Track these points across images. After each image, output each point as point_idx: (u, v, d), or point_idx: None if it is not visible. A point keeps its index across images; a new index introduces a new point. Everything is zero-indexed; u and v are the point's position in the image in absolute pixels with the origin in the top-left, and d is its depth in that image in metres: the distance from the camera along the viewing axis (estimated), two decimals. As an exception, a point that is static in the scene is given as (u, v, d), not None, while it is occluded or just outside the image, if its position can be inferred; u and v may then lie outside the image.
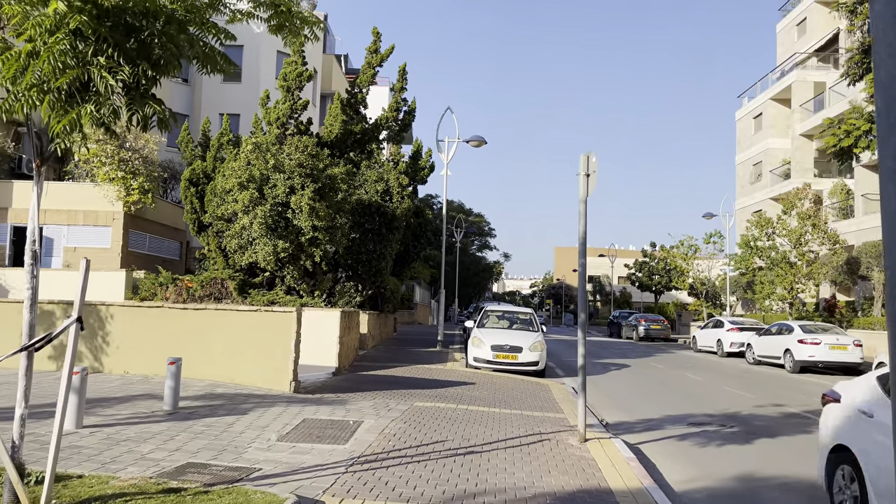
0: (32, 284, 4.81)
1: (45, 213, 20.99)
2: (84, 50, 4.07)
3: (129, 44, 4.27)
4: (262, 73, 32.64)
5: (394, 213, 19.96)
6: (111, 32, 4.12)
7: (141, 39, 4.32)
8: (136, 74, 4.24)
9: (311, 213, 16.04)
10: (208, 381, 11.90)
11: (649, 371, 20.65)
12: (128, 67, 4.18)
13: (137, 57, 4.27)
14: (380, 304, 22.86)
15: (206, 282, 16.62)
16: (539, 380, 16.05)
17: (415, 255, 26.80)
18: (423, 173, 24.43)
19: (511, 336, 17.52)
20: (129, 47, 4.28)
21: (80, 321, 4.88)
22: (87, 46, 4.09)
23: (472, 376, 15.69)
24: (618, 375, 18.72)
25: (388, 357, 18.83)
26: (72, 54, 4.02)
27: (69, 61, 4.01)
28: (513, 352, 16.74)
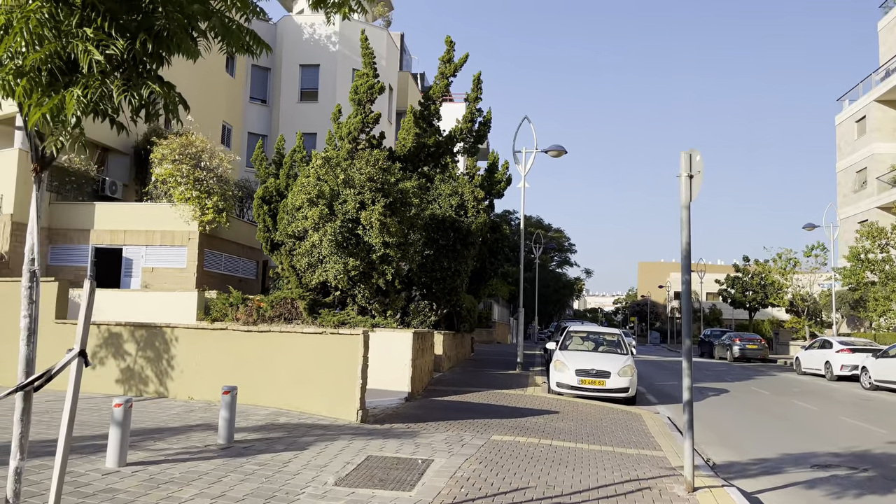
0: (30, 311, 4.03)
1: (125, 233, 21.17)
2: (66, 20, 3.24)
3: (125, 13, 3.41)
4: (338, 91, 32.55)
5: (469, 229, 18.98)
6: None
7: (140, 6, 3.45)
8: (133, 49, 3.38)
9: (382, 229, 15.25)
10: (272, 409, 11.17)
11: (751, 397, 18.73)
12: (122, 41, 3.32)
13: (137, 29, 3.41)
14: (455, 323, 21.87)
15: (275, 302, 16.10)
16: (630, 408, 14.60)
17: (492, 272, 25.69)
18: (500, 187, 23.38)
19: (597, 359, 16.13)
20: (128, 18, 3.42)
21: (83, 355, 4.07)
22: (71, 16, 3.26)
23: (554, 403, 14.42)
24: (717, 403, 16.97)
25: (464, 381, 17.76)
26: (51, 24, 3.20)
27: (46, 33, 3.20)
28: (600, 377, 15.36)
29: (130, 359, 12.69)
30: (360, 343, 10.69)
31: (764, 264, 48.06)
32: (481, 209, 19.45)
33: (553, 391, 15.96)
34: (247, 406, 11.17)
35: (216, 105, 30.41)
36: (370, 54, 18.79)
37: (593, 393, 15.36)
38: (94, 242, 21.08)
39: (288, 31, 33.77)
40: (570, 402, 14.88)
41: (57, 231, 21.13)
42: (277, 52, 33.88)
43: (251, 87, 33.75)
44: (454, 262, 18.80)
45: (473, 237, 19.14)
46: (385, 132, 21.06)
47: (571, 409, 13.85)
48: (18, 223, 19.92)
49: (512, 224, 75.76)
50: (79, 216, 21.20)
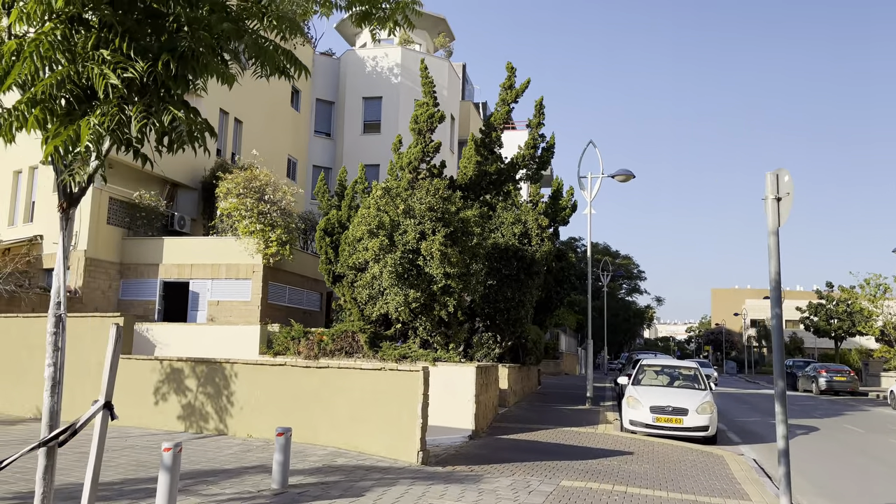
0: (55, 360, 3.73)
1: (192, 267, 21.49)
2: (80, 41, 2.94)
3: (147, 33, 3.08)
4: (400, 123, 32.65)
5: (533, 257, 18.38)
6: (122, 18, 2.95)
7: (164, 26, 3.13)
8: (154, 72, 3.05)
9: (443, 259, 14.85)
10: (330, 449, 10.78)
11: (845, 436, 17.27)
12: (142, 63, 2.99)
13: (159, 50, 3.08)
14: (521, 355, 21.18)
15: (336, 335, 15.86)
16: (710, 449, 13.58)
17: (558, 302, 24.91)
18: (565, 213, 22.72)
19: (673, 395, 15.16)
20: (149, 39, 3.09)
21: (108, 407, 3.73)
22: (86, 38, 2.96)
23: (628, 443, 13.55)
24: (808, 442, 15.68)
25: (530, 417, 17.03)
26: (63, 47, 2.90)
27: (59, 57, 2.90)
28: (676, 414, 14.39)
29: (191, 395, 12.59)
30: (420, 380, 10.22)
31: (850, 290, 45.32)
32: (545, 237, 18.84)
33: (626, 429, 15.06)
34: (304, 445, 10.83)
35: (282, 139, 30.95)
36: (429, 83, 18.62)
37: (670, 432, 14.40)
38: (163, 276, 21.46)
39: (351, 65, 34.24)
40: (645, 441, 13.97)
41: (128, 266, 21.63)
42: (341, 86, 34.37)
43: (316, 120, 34.26)
44: (518, 293, 18.21)
45: (538, 266, 18.52)
46: (447, 162, 20.83)
47: (647, 449, 12.96)
48: (92, 259, 20.47)
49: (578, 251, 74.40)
50: (148, 251, 21.66)
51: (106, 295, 21.03)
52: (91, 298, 20.41)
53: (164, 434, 12.12)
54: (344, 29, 37.56)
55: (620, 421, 15.64)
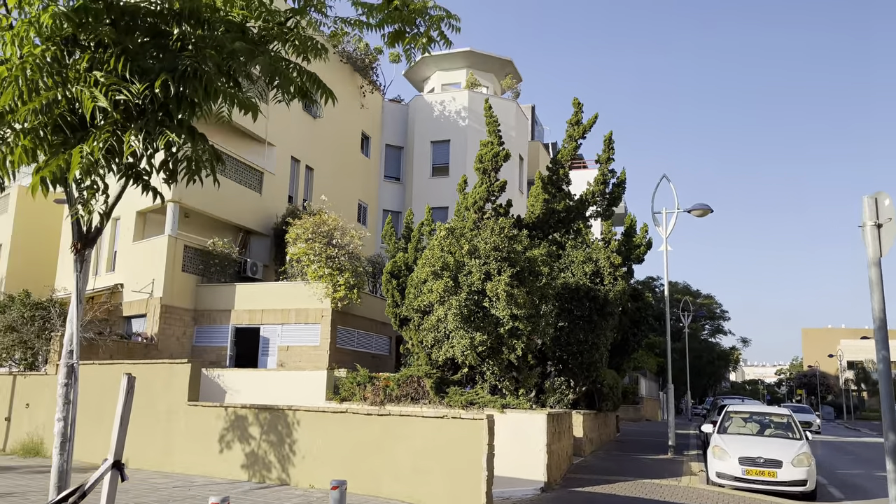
0: (65, 413, 3.43)
1: (262, 313, 21.66)
2: (73, 63, 2.68)
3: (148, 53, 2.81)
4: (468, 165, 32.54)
5: (606, 297, 17.56)
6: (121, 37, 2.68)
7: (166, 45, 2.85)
8: (152, 94, 2.75)
9: (509, 300, 14.30)
10: (392, 502, 10.26)
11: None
12: (139, 84, 2.70)
13: (160, 70, 2.79)
14: (596, 401, 20.16)
15: (402, 380, 15.44)
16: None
17: (635, 344, 23.75)
18: (639, 251, 21.79)
19: (765, 445, 13.93)
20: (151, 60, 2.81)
21: (118, 467, 3.39)
22: (80, 59, 2.70)
23: (716, 499, 12.43)
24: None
25: (608, 467, 16.01)
26: (53, 70, 2.64)
27: (47, 80, 2.64)
28: (770, 466, 13.16)
29: (255, 442, 12.37)
30: (485, 429, 9.64)
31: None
32: (619, 276, 18.01)
33: (713, 482, 13.88)
34: (365, 497, 10.36)
35: (352, 185, 31.33)
36: (494, 122, 18.35)
37: (762, 486, 13.15)
38: (235, 322, 21.70)
39: (419, 111, 34.59)
40: (735, 496, 12.80)
41: (201, 312, 22.01)
42: (409, 131, 34.73)
43: (385, 165, 34.62)
44: (591, 334, 17.38)
45: (611, 306, 17.67)
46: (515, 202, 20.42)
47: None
48: (167, 306, 20.92)
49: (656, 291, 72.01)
50: (221, 297, 22.00)
51: (180, 341, 21.39)
52: (166, 345, 20.79)
53: (228, 483, 11.91)
54: (412, 75, 38.14)
55: (706, 472, 14.46)
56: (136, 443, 14.13)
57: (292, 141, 27.26)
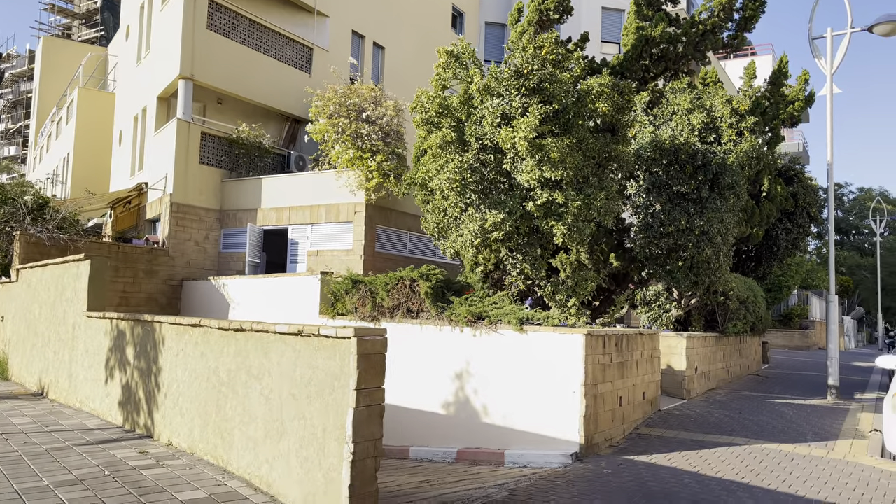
0: None
1: (290, 211, 17.65)
2: None
3: None
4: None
5: (724, 163, 11.38)
6: None
7: None
8: None
9: (538, 156, 8.89)
10: (234, 485, 5.69)
11: None
12: None
13: None
14: (720, 320, 14.13)
15: (391, 285, 10.66)
16: None
17: (788, 245, 17.10)
18: (792, 108, 14.92)
19: None
20: None
21: None
22: None
23: (892, 492, 6.60)
24: None
25: (715, 419, 10.34)
26: None
27: None
28: None
29: (129, 370, 8.31)
30: (350, 356, 4.66)
31: None
32: (745, 129, 11.69)
33: (892, 456, 7.94)
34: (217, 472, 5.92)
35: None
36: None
37: None
38: (262, 223, 17.93)
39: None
40: (935, 489, 6.86)
41: (228, 213, 18.45)
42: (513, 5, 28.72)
43: (485, 48, 29.07)
44: (699, 219, 11.39)
45: (732, 176, 11.47)
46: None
47: (938, 515, 6.00)
48: (180, 205, 17.51)
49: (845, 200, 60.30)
50: (246, 194, 18.27)
51: (201, 246, 18.02)
52: (181, 251, 17.50)
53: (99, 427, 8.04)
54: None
55: (883, 438, 8.43)
56: (56, 365, 10.77)
57: (353, 12, 22.55)
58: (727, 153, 11.51)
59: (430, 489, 6.77)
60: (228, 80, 18.68)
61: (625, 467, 7.37)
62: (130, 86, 22.70)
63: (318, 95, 16.57)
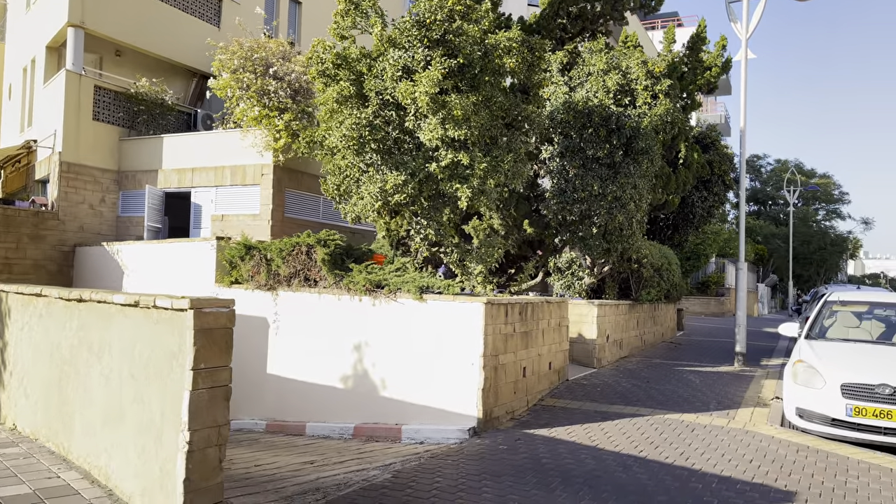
0: None
1: (193, 173, 16.55)
2: None
3: None
4: None
5: (637, 127, 11.07)
6: None
7: None
8: None
9: (442, 113, 8.29)
10: (69, 477, 4.99)
11: None
12: None
13: None
14: (634, 288, 14.02)
15: (286, 251, 9.96)
16: None
17: (703, 213, 17.16)
18: (709, 74, 14.78)
19: (893, 362, 7.65)
20: None
21: None
22: None
23: (790, 463, 6.44)
24: None
25: (622, 389, 10.15)
26: None
27: None
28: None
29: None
30: (188, 332, 4.01)
31: None
32: (660, 92, 11.39)
33: (792, 425, 7.85)
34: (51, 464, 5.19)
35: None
36: None
37: (885, 438, 7.02)
38: (164, 185, 16.77)
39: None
40: (832, 456, 6.74)
41: (126, 175, 17.18)
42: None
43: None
44: (612, 185, 11.09)
45: (646, 141, 11.19)
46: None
47: (832, 486, 5.84)
48: (71, 164, 16.17)
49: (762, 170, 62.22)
50: (146, 154, 17.04)
51: (96, 210, 16.74)
52: (73, 214, 16.20)
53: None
54: None
55: (784, 408, 8.34)
56: None
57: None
58: (641, 117, 11.20)
59: (310, 472, 6.22)
60: (126, 30, 17.28)
61: (522, 442, 7.00)
62: (20, 34, 20.83)
63: (221, 48, 15.43)
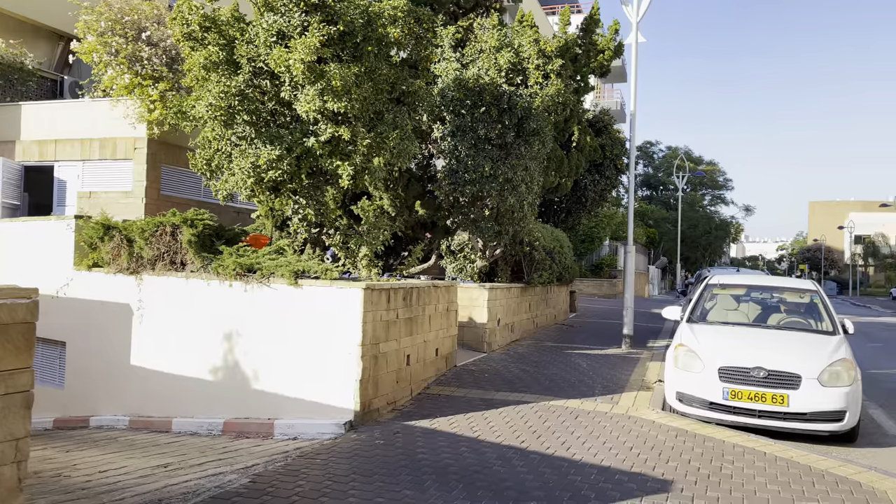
0: None
1: (56, 145, 15.08)
2: None
3: None
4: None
5: (529, 107, 10.85)
6: None
7: None
8: None
9: (320, 83, 7.68)
10: None
11: None
12: None
13: None
14: (526, 271, 13.93)
15: (149, 232, 9.11)
16: (852, 470, 6.21)
17: (596, 197, 17.34)
18: (602, 57, 14.81)
19: (770, 345, 7.78)
20: None
21: None
22: None
23: (668, 449, 6.37)
24: None
25: (510, 374, 9.97)
26: None
27: None
28: (774, 386, 7.05)
29: None
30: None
31: None
32: (552, 72, 11.20)
33: (672, 409, 7.85)
34: None
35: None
36: None
37: (759, 420, 7.11)
38: (22, 158, 15.20)
39: None
40: (708, 440, 6.74)
41: (-23, 145, 15.46)
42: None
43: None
44: (504, 166, 10.83)
45: (538, 122, 10.99)
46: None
47: (708, 472, 5.78)
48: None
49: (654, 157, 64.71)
50: (2, 124, 15.38)
51: (-58, 185, 14.96)
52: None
53: None
54: None
55: (666, 392, 8.35)
56: None
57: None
58: (533, 96, 10.98)
59: (160, 478, 5.57)
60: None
61: (401, 436, 6.60)
62: None
63: (85, 9, 14.03)
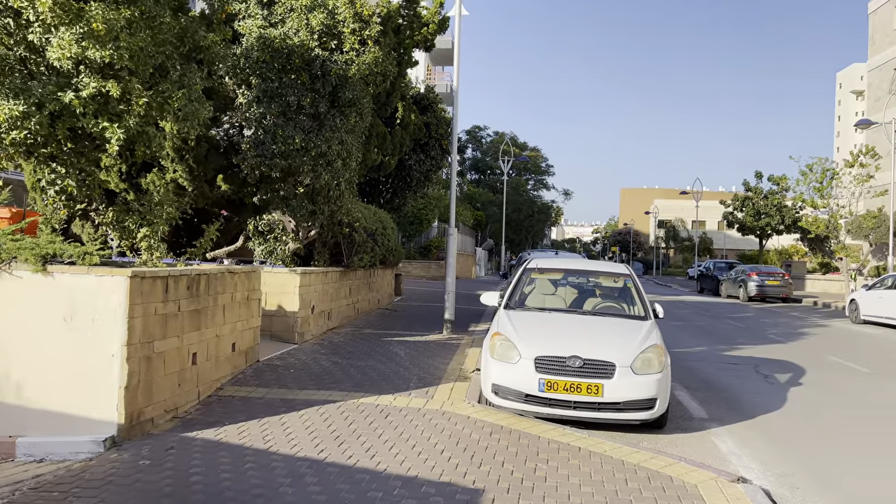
0: None
1: None
2: None
3: None
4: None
5: (344, 76, 9.94)
6: None
7: None
8: None
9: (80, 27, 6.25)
10: None
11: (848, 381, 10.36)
12: None
13: None
14: (345, 253, 13.08)
15: None
16: (660, 461, 6.05)
17: (421, 177, 16.83)
18: (426, 31, 14.20)
19: (582, 332, 7.55)
20: None
21: None
22: None
23: (481, 446, 5.85)
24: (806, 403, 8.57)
25: (320, 368, 9.10)
26: None
27: None
28: (588, 375, 6.77)
29: None
30: None
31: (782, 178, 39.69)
32: (369, 38, 10.36)
33: (488, 402, 7.40)
34: None
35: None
36: None
37: (574, 412, 6.82)
38: None
39: None
40: (523, 440, 6.32)
41: None
42: None
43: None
44: (316, 138, 9.85)
45: (354, 92, 10.11)
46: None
47: (522, 475, 5.31)
48: None
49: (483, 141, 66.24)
50: None
51: None
52: None
53: None
54: None
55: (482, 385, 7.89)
56: None
57: None
58: (349, 64, 10.07)
59: None
60: None
61: (175, 452, 5.53)
62: None
63: None
